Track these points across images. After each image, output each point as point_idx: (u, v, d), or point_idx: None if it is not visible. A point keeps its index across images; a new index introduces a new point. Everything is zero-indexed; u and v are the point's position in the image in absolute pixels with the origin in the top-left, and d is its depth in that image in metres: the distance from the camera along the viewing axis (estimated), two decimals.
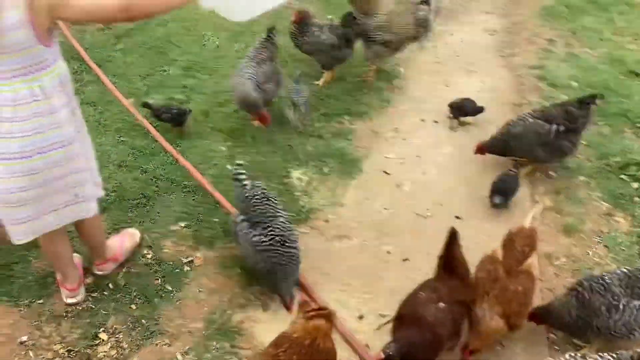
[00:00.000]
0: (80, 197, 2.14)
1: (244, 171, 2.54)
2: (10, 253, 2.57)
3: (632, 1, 5.20)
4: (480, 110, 3.61)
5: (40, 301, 2.41)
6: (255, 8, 2.15)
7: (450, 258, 2.24)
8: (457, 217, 3.03)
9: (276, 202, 2.49)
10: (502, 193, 3.05)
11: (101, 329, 2.32)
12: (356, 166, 3.31)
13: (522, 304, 2.26)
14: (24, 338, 2.28)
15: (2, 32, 1.66)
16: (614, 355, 1.83)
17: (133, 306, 2.43)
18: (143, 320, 2.37)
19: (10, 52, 1.72)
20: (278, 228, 2.34)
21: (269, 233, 2.32)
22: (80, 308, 2.39)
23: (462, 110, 3.61)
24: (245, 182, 2.50)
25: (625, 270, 2.28)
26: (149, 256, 2.68)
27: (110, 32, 4.37)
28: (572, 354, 1.88)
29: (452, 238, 2.24)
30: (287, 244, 2.32)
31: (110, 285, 2.51)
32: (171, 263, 2.66)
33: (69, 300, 2.39)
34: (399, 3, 3.79)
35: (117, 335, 2.31)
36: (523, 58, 4.38)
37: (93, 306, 2.41)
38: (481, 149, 3.28)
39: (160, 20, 4.48)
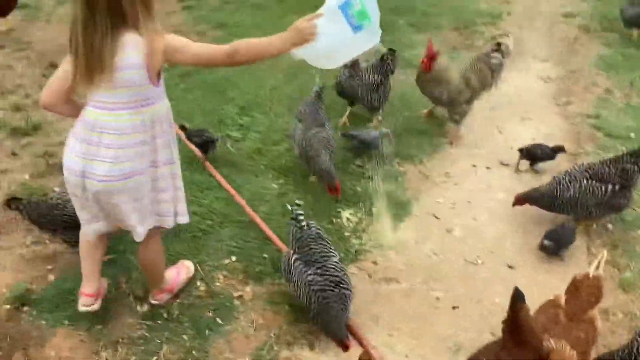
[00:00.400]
0: (163, 214, 2.29)
1: (302, 211, 2.60)
2: (75, 279, 2.71)
3: None
4: (554, 153, 3.55)
5: (99, 326, 2.51)
6: (342, 56, 2.27)
7: (517, 324, 1.99)
8: (509, 266, 2.98)
9: (330, 242, 2.53)
10: (554, 240, 2.98)
11: (154, 357, 2.39)
12: (406, 209, 3.32)
13: (583, 352, 2.14)
14: None
15: (120, 69, 1.87)
16: None
17: (185, 337, 2.49)
18: (194, 352, 2.42)
19: (122, 87, 1.92)
20: (332, 268, 2.38)
21: (323, 273, 2.35)
22: (136, 335, 2.48)
23: (533, 156, 3.56)
24: (302, 221, 2.56)
25: None
26: (202, 288, 2.76)
27: (173, 71, 4.63)
28: None
29: (516, 301, 1.99)
30: (341, 285, 2.34)
31: (165, 315, 2.58)
32: (222, 296, 2.72)
33: (82, 308, 2.44)
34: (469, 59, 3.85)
35: None
36: (579, 107, 4.33)
37: (147, 334, 2.49)
38: (521, 201, 3.18)
39: None
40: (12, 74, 4.48)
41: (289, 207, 2.67)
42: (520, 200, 3.18)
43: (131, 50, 1.87)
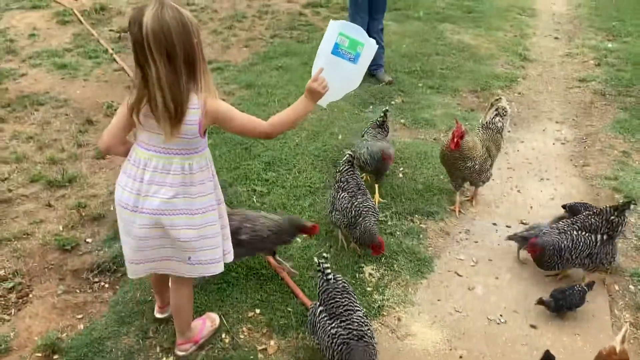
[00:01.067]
0: (194, 261, 2.41)
1: (328, 265, 2.67)
2: (103, 328, 2.78)
3: None
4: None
5: None
6: (357, 77, 2.56)
7: None
8: (533, 326, 2.97)
9: (356, 296, 2.58)
10: (555, 298, 2.99)
11: None
12: (427, 266, 3.36)
13: None
14: None
15: (184, 122, 2.14)
16: None
17: None
18: None
19: (181, 137, 2.18)
20: (356, 322, 2.41)
21: (347, 326, 2.39)
22: None
23: (576, 213, 3.50)
24: (329, 274, 2.62)
25: None
26: (227, 340, 2.79)
27: None
28: None
29: None
30: (364, 339, 2.37)
31: None
32: (246, 349, 2.75)
33: (157, 315, 2.87)
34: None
35: None
36: (596, 169, 4.40)
37: None
38: (534, 248, 3.19)
39: None
40: (50, 129, 4.72)
41: (316, 260, 2.74)
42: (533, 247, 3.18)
43: (194, 110, 2.15)
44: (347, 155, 3.50)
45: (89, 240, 3.47)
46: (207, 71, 2.18)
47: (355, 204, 3.32)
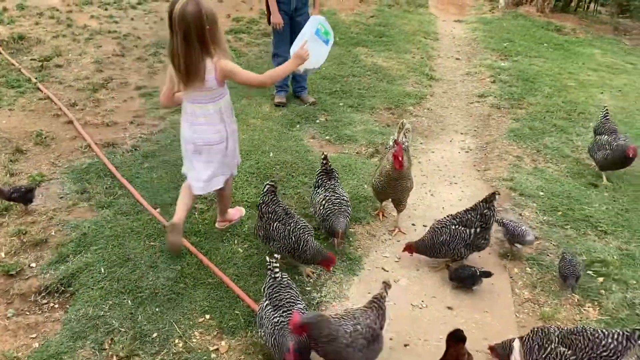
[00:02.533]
0: (232, 166, 3.69)
1: (278, 264, 3.00)
2: (58, 345, 2.90)
3: (588, 124, 6.07)
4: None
5: None
6: (322, 58, 3.71)
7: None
8: (449, 308, 3.46)
9: (298, 293, 2.93)
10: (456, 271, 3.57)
11: None
12: (358, 264, 3.78)
13: None
14: None
15: (206, 82, 3.22)
16: None
17: None
18: None
19: (208, 90, 3.28)
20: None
21: (288, 316, 2.73)
22: None
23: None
24: (277, 272, 2.95)
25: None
26: (180, 345, 3.03)
27: (137, 152, 5.02)
28: None
29: (454, 340, 2.73)
30: None
31: None
32: (200, 351, 3.00)
33: (217, 225, 4.00)
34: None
35: None
36: (495, 172, 5.07)
37: None
38: (409, 249, 3.70)
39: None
40: None
41: (267, 259, 3.05)
42: (408, 248, 3.70)
43: (209, 69, 3.19)
44: (268, 186, 3.59)
45: (33, 264, 3.55)
46: (221, 43, 3.21)
47: (291, 229, 3.46)
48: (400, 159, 3.81)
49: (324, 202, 3.73)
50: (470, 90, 7.06)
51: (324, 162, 3.89)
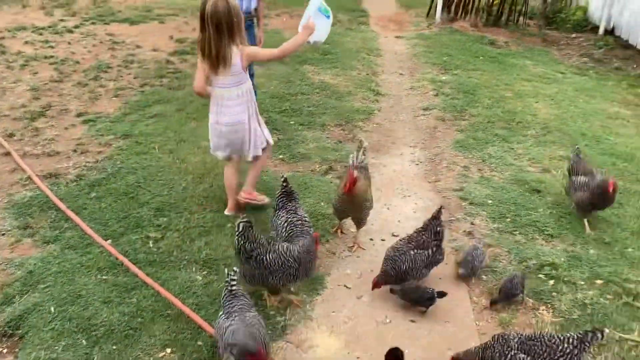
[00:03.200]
0: (258, 144, 4.29)
1: (236, 277, 2.99)
2: None
3: (526, 132, 6.37)
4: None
5: None
6: (325, 33, 4.33)
7: None
8: (412, 321, 3.51)
9: (251, 302, 3.02)
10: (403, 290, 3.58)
11: None
12: (320, 283, 3.77)
13: None
14: None
15: (232, 66, 3.91)
16: None
17: None
18: None
19: (233, 75, 3.96)
20: (248, 317, 2.84)
21: (239, 321, 2.80)
22: None
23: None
24: (234, 285, 2.96)
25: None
26: None
27: (82, 182, 4.81)
28: None
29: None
30: (254, 327, 2.79)
31: None
32: None
33: (226, 212, 4.42)
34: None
35: None
36: (445, 183, 5.23)
37: None
38: (377, 285, 3.64)
39: (129, 169, 5.01)
40: None
41: (226, 271, 3.02)
42: (376, 284, 3.65)
43: (235, 55, 3.90)
44: (243, 224, 3.30)
45: None
46: (242, 33, 3.92)
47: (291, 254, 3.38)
48: (348, 184, 3.83)
49: (285, 224, 3.71)
50: (416, 104, 7.26)
51: (284, 184, 3.87)
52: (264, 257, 3.31)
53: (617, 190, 4.45)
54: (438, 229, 3.72)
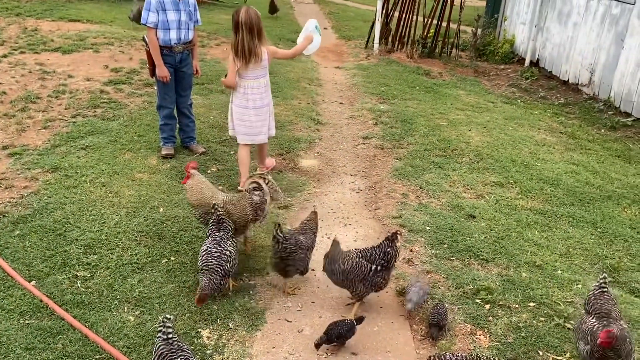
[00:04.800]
0: (270, 127, 5.55)
1: (170, 324, 2.85)
2: None
3: (461, 159, 6.60)
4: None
5: None
6: (316, 47, 5.56)
7: None
8: (354, 353, 3.48)
9: (191, 352, 2.87)
10: (328, 333, 3.43)
11: None
12: (260, 318, 3.68)
13: None
14: None
15: (263, 60, 5.14)
16: None
17: None
18: None
19: (262, 68, 5.18)
20: None
21: None
22: None
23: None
24: (169, 334, 2.83)
25: None
26: None
27: (5, 219, 4.52)
28: None
29: None
30: None
31: None
32: None
33: (239, 188, 5.16)
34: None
35: None
36: (385, 210, 5.30)
37: None
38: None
39: (57, 204, 4.75)
40: None
41: (160, 319, 2.86)
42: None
43: (264, 53, 5.08)
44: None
45: None
46: (265, 35, 5.07)
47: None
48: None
49: (204, 253, 3.64)
50: (356, 133, 7.38)
51: (214, 210, 3.81)
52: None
53: (613, 340, 2.96)
54: (388, 249, 3.75)
